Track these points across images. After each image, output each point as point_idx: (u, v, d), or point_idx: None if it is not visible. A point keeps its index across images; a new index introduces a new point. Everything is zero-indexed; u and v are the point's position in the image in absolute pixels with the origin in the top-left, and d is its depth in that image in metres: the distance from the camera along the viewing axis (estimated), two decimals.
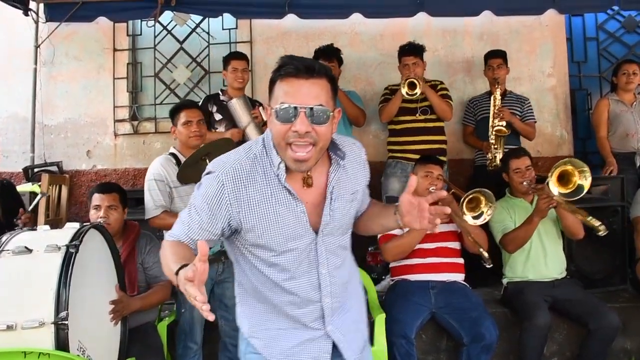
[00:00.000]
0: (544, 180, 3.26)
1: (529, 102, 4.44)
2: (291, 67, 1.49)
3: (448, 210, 1.53)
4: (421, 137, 4.12)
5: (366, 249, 4.14)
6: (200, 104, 4.05)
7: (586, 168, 3.15)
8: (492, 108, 4.17)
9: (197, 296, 1.27)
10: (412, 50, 4.08)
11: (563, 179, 3.17)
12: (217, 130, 3.96)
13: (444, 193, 3.17)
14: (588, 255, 3.87)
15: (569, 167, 3.15)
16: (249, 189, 1.56)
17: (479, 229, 3.27)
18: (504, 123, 4.09)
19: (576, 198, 3.16)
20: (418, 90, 3.88)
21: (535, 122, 4.42)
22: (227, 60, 4.07)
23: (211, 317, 1.28)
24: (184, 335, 2.95)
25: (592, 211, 3.83)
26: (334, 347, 1.73)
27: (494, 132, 4.12)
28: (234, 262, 1.75)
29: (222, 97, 4.06)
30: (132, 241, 2.85)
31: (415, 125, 4.14)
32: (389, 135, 4.34)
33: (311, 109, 1.47)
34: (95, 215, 2.79)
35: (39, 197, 3.52)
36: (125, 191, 3.03)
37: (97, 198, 2.82)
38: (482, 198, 3.12)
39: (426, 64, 4.18)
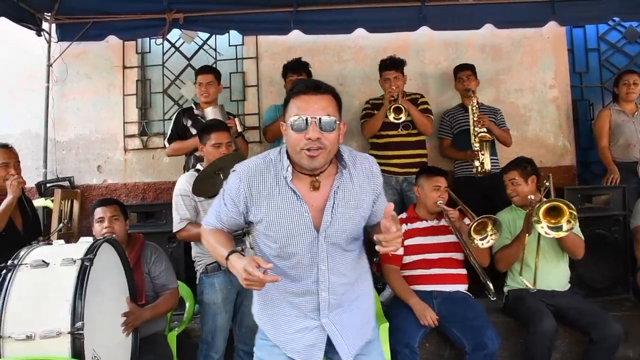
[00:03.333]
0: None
1: (501, 112, 4.54)
2: (302, 86, 1.80)
3: None
4: (403, 151, 4.21)
5: (370, 260, 4.20)
6: (173, 118, 4.20)
7: (575, 217, 3.08)
8: (471, 117, 4.23)
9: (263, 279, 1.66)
10: (392, 65, 4.18)
11: (555, 211, 3.12)
12: None
13: (456, 213, 3.19)
14: (590, 265, 3.90)
15: (564, 207, 3.09)
16: (260, 186, 1.84)
17: (485, 249, 3.33)
18: (485, 129, 4.15)
19: (550, 234, 3.13)
20: (403, 116, 4.00)
21: (508, 129, 4.50)
22: (195, 74, 4.21)
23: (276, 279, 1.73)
24: (206, 345, 3.03)
25: (594, 220, 3.94)
26: (330, 340, 1.91)
27: (477, 139, 4.16)
28: (256, 251, 2.01)
29: (196, 111, 4.16)
30: (138, 251, 2.96)
31: (398, 139, 4.23)
32: (371, 148, 4.40)
33: (320, 119, 1.73)
34: (99, 227, 2.90)
35: (60, 225, 3.69)
36: (124, 204, 3.17)
37: (99, 211, 2.95)
38: (489, 223, 3.18)
39: (407, 78, 4.29)
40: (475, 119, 4.20)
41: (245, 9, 4.71)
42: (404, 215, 3.55)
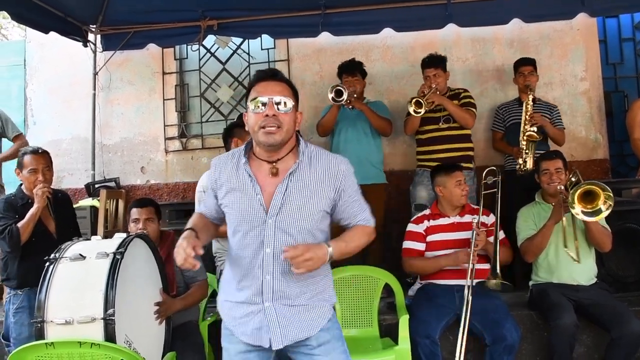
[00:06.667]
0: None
1: (558, 110, 4.45)
2: (261, 73, 2.01)
3: None
4: (445, 145, 4.20)
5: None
6: (236, 119, 4.35)
7: (611, 197, 3.07)
8: (524, 114, 4.19)
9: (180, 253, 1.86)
10: (431, 62, 4.22)
11: (589, 196, 3.12)
12: None
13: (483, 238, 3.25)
14: (620, 259, 3.87)
15: (598, 189, 3.09)
16: (223, 171, 2.05)
17: (505, 249, 3.41)
18: (535, 128, 4.12)
19: (589, 219, 3.13)
20: (422, 110, 4.01)
21: (564, 128, 4.43)
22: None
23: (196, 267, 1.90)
24: None
25: (625, 214, 3.87)
26: None
27: (525, 137, 4.15)
28: None
29: None
30: (168, 247, 3.13)
31: (439, 134, 4.23)
32: (417, 145, 4.46)
33: (276, 98, 1.92)
34: (134, 228, 3.11)
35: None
36: (159, 205, 3.35)
37: (135, 212, 3.16)
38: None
39: (449, 74, 4.30)
40: (527, 117, 4.18)
41: (276, 14, 4.86)
42: (427, 211, 3.61)
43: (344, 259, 2.12)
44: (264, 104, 1.91)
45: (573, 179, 3.38)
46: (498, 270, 3.20)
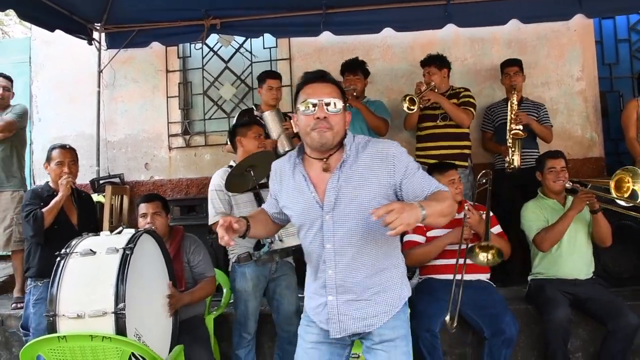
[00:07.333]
0: (583, 186, 3.41)
1: (545, 108, 4.56)
2: (309, 75, 2.04)
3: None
4: (441, 142, 4.29)
5: None
6: (235, 118, 4.42)
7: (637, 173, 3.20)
8: (509, 113, 4.30)
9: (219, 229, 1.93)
10: (425, 61, 4.35)
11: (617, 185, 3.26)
12: None
13: (476, 216, 3.31)
14: (616, 255, 3.97)
15: (622, 175, 3.22)
16: (282, 176, 2.13)
17: (504, 242, 3.46)
18: (521, 127, 4.21)
19: (634, 204, 3.23)
20: (415, 107, 4.12)
21: (552, 126, 4.53)
22: (262, 78, 4.40)
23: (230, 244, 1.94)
24: (239, 327, 3.28)
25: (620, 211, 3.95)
26: None
27: (511, 136, 4.24)
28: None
29: (255, 112, 4.41)
30: (178, 242, 3.24)
31: (437, 131, 4.32)
32: (416, 141, 4.54)
33: (326, 101, 1.95)
34: (143, 222, 3.18)
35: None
36: (166, 200, 3.42)
37: (143, 207, 3.24)
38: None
39: (446, 72, 4.37)
40: (512, 116, 4.26)
41: (278, 13, 4.93)
42: None
43: None
44: (314, 105, 1.93)
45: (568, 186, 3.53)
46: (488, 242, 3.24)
